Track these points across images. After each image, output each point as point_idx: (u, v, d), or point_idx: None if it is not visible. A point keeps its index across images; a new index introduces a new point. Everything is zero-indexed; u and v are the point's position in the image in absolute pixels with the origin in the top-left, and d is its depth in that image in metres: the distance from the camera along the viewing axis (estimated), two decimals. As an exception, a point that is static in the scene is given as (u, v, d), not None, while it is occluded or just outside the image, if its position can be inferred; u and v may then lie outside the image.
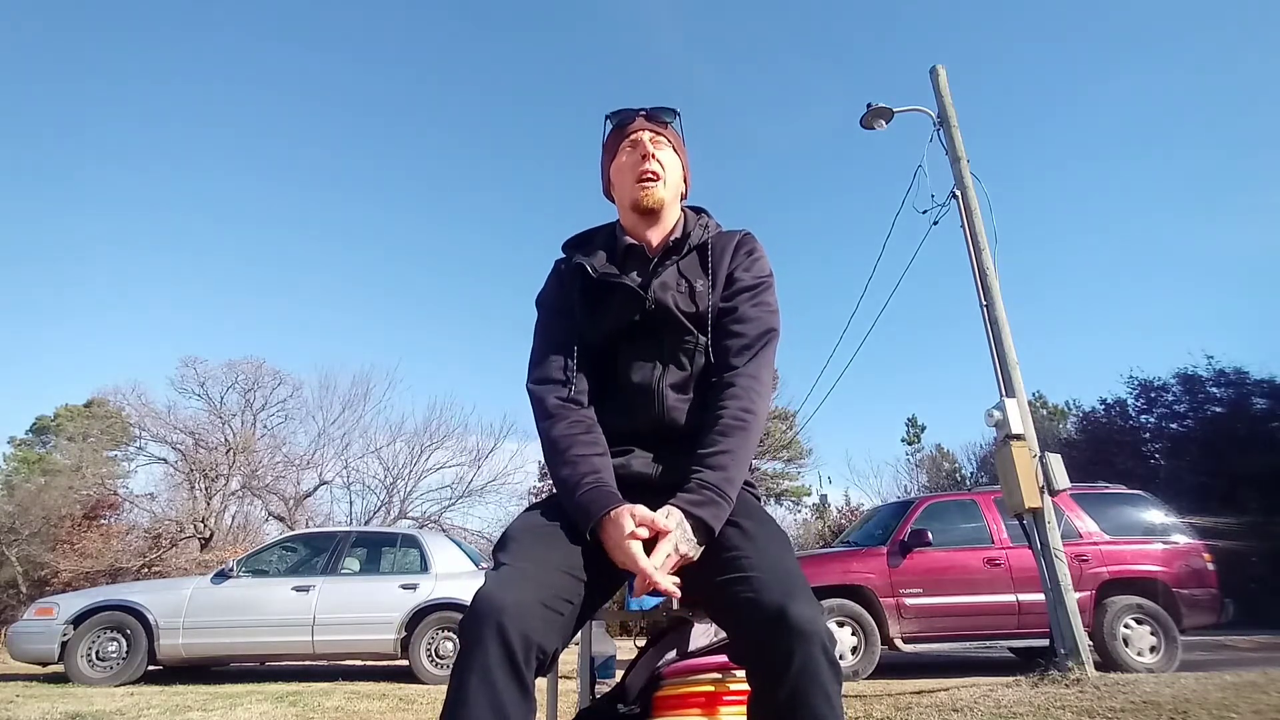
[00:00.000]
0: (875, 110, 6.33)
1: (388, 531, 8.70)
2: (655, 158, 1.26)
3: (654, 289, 1.22)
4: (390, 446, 17.65)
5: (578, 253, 1.30)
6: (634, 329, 1.22)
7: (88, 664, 5.82)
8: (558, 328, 1.25)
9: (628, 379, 1.23)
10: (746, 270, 1.26)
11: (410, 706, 4.37)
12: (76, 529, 15.19)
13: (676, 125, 1.34)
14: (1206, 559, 6.13)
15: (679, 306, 1.22)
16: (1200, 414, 14.51)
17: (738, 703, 1.08)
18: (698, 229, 1.30)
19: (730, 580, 0.92)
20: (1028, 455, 4.98)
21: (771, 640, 0.83)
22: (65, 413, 20.37)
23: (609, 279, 1.23)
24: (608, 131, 1.34)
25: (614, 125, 1.33)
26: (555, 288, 1.30)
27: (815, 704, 0.81)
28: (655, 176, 1.25)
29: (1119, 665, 5.48)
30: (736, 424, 1.11)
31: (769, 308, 1.24)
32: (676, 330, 1.21)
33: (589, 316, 1.23)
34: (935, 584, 6.02)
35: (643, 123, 1.30)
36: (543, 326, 1.29)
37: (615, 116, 1.33)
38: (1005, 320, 5.56)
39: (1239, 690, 3.71)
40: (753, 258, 1.28)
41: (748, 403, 1.13)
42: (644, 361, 1.22)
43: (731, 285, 1.25)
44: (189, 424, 16.67)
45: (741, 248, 1.29)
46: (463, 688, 0.82)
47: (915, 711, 3.77)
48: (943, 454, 23.75)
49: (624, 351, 1.24)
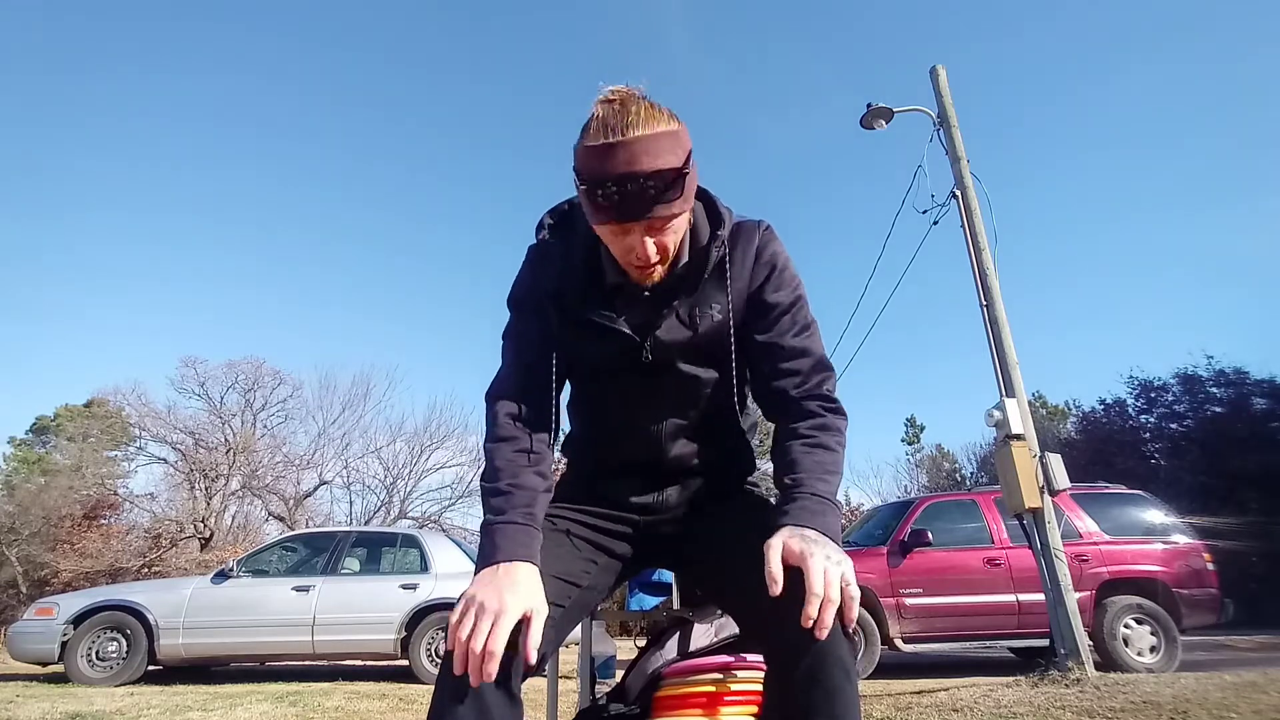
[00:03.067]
0: (875, 110, 6.34)
1: (388, 531, 8.70)
2: (657, 247, 0.94)
3: (656, 336, 1.03)
4: (390, 446, 17.71)
5: (558, 257, 1.06)
6: (628, 372, 1.06)
7: (88, 664, 5.82)
8: (530, 338, 1.08)
9: (621, 419, 1.10)
10: (776, 289, 1.05)
11: (410, 706, 4.37)
12: (76, 529, 15.20)
13: (687, 163, 0.93)
14: (1206, 559, 6.13)
15: (687, 355, 1.04)
16: (1200, 414, 14.51)
17: (739, 702, 1.08)
18: (711, 248, 1.03)
19: (747, 562, 0.90)
20: (1028, 455, 4.98)
21: (791, 614, 0.82)
22: (65, 413, 20.35)
23: (594, 321, 1.03)
24: (576, 177, 0.92)
25: (583, 190, 0.91)
26: (529, 285, 1.10)
27: (835, 678, 0.80)
28: (657, 264, 0.96)
29: (1119, 665, 5.48)
30: (830, 446, 1.01)
31: (810, 332, 1.07)
32: (682, 376, 1.06)
33: (571, 346, 1.06)
34: (935, 584, 6.02)
35: (633, 210, 0.89)
36: (513, 335, 1.11)
37: (585, 186, 0.89)
38: (1005, 320, 5.56)
39: (1239, 690, 3.71)
40: (778, 269, 1.06)
41: (838, 436, 1.02)
42: (642, 407, 1.09)
43: (760, 310, 1.05)
44: (189, 424, 16.72)
45: (762, 256, 1.06)
46: (448, 691, 0.82)
47: (915, 711, 3.77)
48: (943, 454, 23.77)
49: (615, 389, 1.09)
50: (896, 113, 6.37)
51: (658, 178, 0.87)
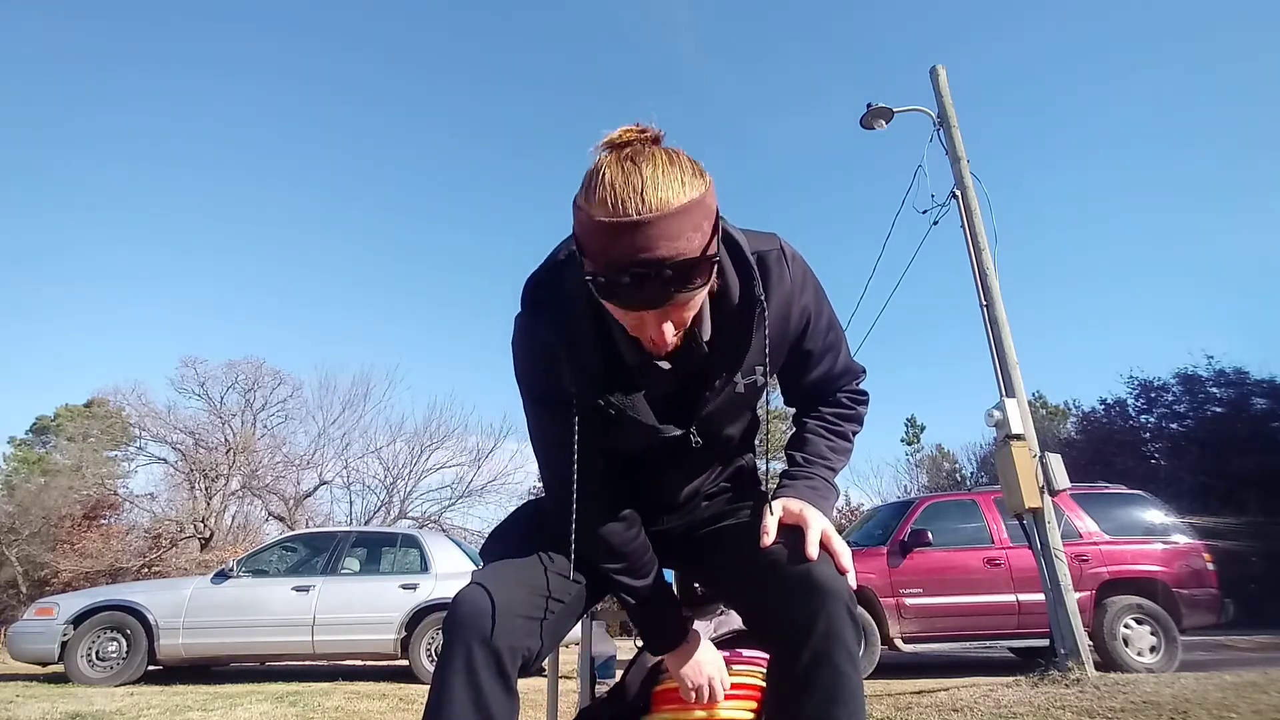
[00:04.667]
0: (875, 110, 6.34)
1: (388, 531, 8.70)
2: (675, 327, 0.81)
3: (702, 421, 0.97)
4: (390, 446, 17.70)
5: (558, 340, 0.90)
6: (667, 452, 1.00)
7: (88, 664, 5.81)
8: (556, 433, 0.95)
9: (645, 478, 1.06)
10: (813, 336, 1.00)
11: (410, 706, 4.37)
12: (76, 529, 15.21)
13: (711, 248, 0.78)
14: (1206, 559, 6.13)
15: (731, 426, 1.02)
16: (1200, 414, 14.52)
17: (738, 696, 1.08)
18: (754, 315, 0.90)
19: (751, 551, 0.91)
20: (1028, 455, 4.97)
21: (796, 601, 0.83)
22: (65, 413, 20.35)
23: (631, 415, 0.92)
24: (578, 237, 0.80)
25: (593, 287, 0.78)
26: (532, 375, 0.97)
27: (839, 662, 0.80)
28: (674, 342, 0.83)
29: (1119, 665, 5.48)
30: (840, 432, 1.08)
31: (836, 337, 1.05)
32: (722, 443, 1.04)
33: (603, 432, 0.95)
34: (935, 584, 6.01)
35: (649, 298, 0.76)
36: (536, 427, 1.00)
37: (596, 281, 0.76)
38: (1005, 320, 5.56)
39: (1239, 690, 3.70)
40: (814, 310, 0.98)
41: (855, 426, 1.10)
42: (672, 473, 1.07)
43: (800, 359, 1.02)
44: (189, 424, 16.73)
45: (796, 299, 0.95)
46: (446, 687, 0.82)
47: (915, 711, 3.76)
48: (943, 454, 23.76)
49: (647, 462, 1.04)
50: (896, 113, 6.37)
51: (678, 267, 0.73)
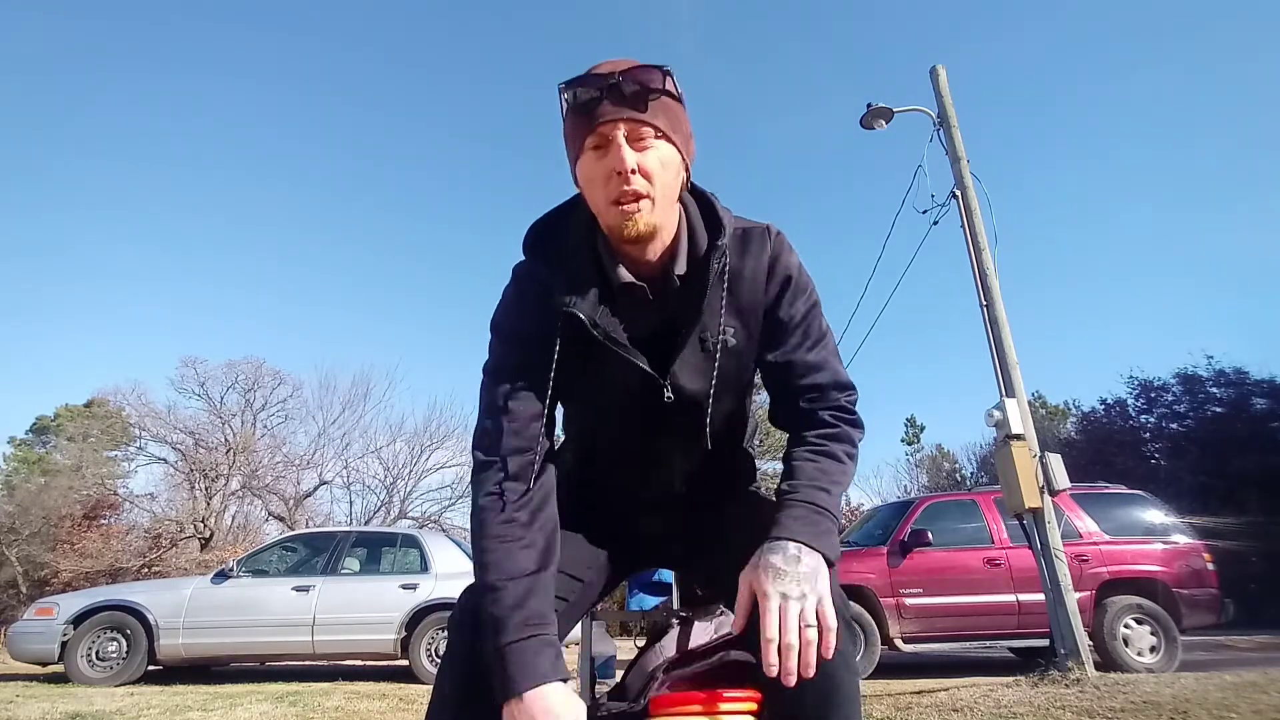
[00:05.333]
0: (875, 110, 6.34)
1: (388, 531, 8.70)
2: (636, 171, 0.86)
3: (674, 374, 0.95)
4: (390, 446, 17.73)
5: (553, 273, 0.95)
6: (639, 409, 0.99)
7: (88, 664, 5.81)
8: (524, 372, 0.94)
9: (625, 451, 1.06)
10: (791, 302, 0.98)
11: (410, 706, 4.37)
12: (76, 529, 15.21)
13: (668, 85, 0.89)
14: (1206, 559, 6.13)
15: (707, 391, 0.96)
16: (1200, 414, 14.52)
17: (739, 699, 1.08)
18: (711, 258, 0.94)
19: (748, 558, 0.89)
20: (1028, 455, 4.97)
21: None
22: (65, 413, 20.34)
23: (613, 345, 0.93)
24: (564, 109, 0.91)
25: (569, 107, 0.90)
26: (519, 311, 0.97)
27: (830, 666, 0.79)
28: (638, 196, 0.87)
29: (1119, 665, 5.48)
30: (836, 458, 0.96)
31: (825, 344, 1.00)
32: (699, 413, 0.99)
33: (576, 378, 0.95)
34: (935, 584, 6.02)
35: (612, 108, 0.86)
36: (502, 368, 0.96)
37: (570, 92, 0.89)
38: (1005, 320, 5.56)
39: (1239, 690, 3.71)
40: (793, 280, 0.98)
41: (849, 447, 0.98)
42: (650, 439, 1.03)
43: (774, 327, 0.98)
44: (189, 424, 16.74)
45: (775, 267, 0.98)
46: (449, 684, 0.82)
47: (915, 711, 3.77)
48: (943, 454, 23.76)
49: (620, 422, 1.02)
50: (896, 113, 6.37)
51: (642, 74, 0.86)
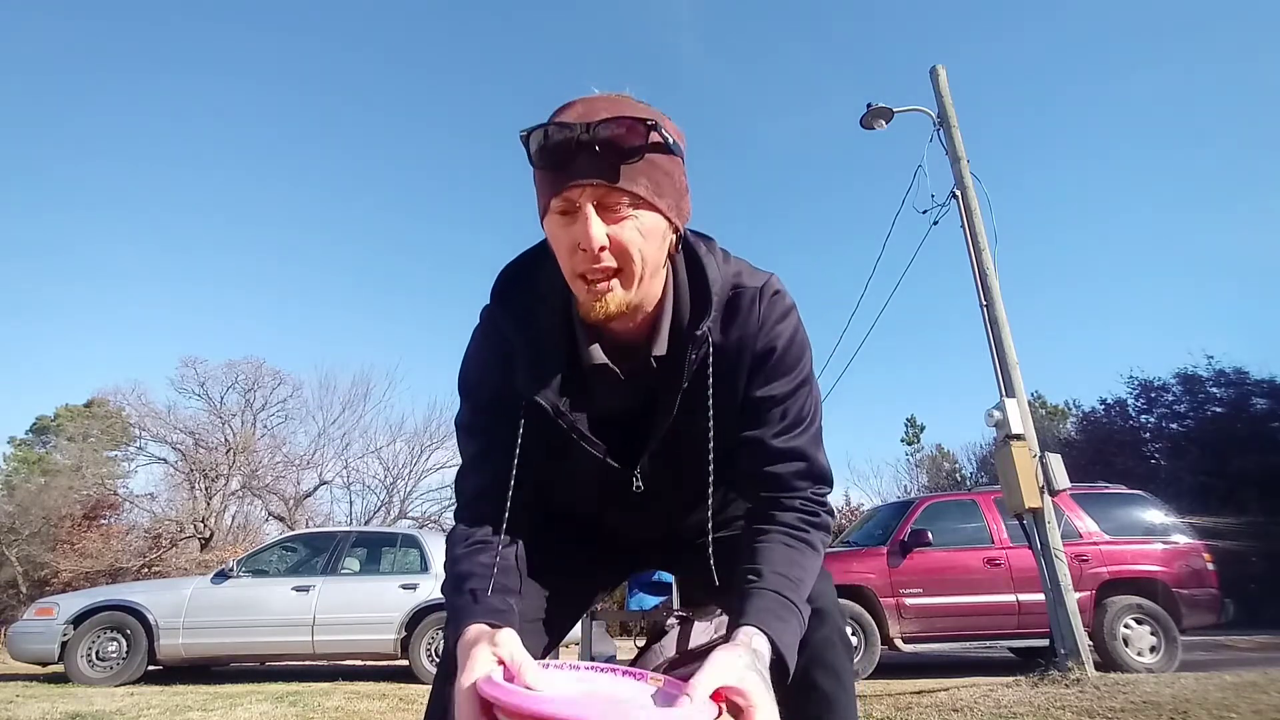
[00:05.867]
0: (875, 110, 6.33)
1: (388, 531, 8.70)
2: (605, 248, 0.73)
3: (644, 466, 0.90)
4: (390, 446, 17.72)
5: (519, 333, 0.85)
6: (610, 491, 0.94)
7: (88, 664, 5.81)
8: (490, 438, 0.88)
9: (601, 518, 1.03)
10: (768, 380, 0.86)
11: (410, 706, 4.37)
12: (76, 529, 15.21)
13: (654, 139, 0.73)
14: (1206, 559, 6.13)
15: (677, 483, 0.92)
16: (1200, 414, 14.51)
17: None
18: (690, 348, 0.82)
19: None
20: (1028, 455, 4.97)
21: None
22: (65, 413, 20.34)
23: (577, 436, 0.86)
24: (528, 154, 0.75)
25: (533, 163, 0.75)
26: (479, 375, 0.91)
27: (824, 684, 0.79)
28: (609, 275, 0.75)
29: (1119, 665, 5.48)
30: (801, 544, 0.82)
31: (804, 429, 0.86)
32: (668, 504, 0.96)
33: (543, 455, 0.89)
34: (935, 584, 6.02)
35: (583, 167, 0.71)
36: (472, 428, 0.91)
37: (532, 146, 0.73)
38: (1005, 320, 5.56)
39: (1239, 690, 3.71)
40: (777, 354, 0.85)
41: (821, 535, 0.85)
42: (626, 513, 1.00)
43: (750, 406, 0.86)
44: (189, 424, 16.73)
45: (759, 341, 0.85)
46: (446, 691, 0.82)
47: (915, 711, 3.77)
48: (943, 454, 23.74)
49: (596, 499, 1.00)
50: (896, 113, 6.37)
51: (620, 130, 0.70)
